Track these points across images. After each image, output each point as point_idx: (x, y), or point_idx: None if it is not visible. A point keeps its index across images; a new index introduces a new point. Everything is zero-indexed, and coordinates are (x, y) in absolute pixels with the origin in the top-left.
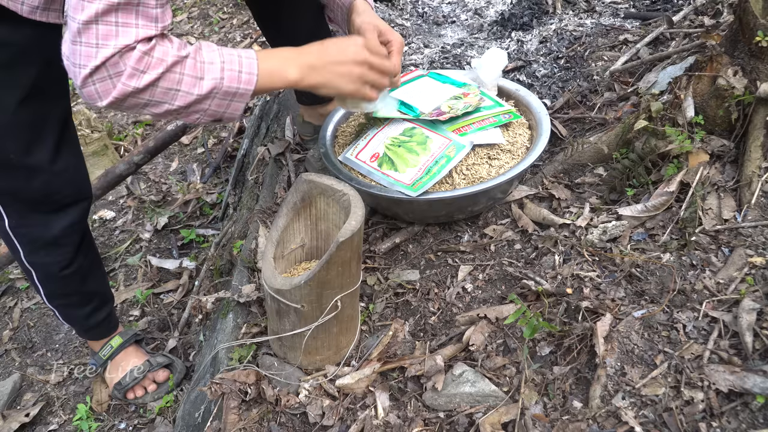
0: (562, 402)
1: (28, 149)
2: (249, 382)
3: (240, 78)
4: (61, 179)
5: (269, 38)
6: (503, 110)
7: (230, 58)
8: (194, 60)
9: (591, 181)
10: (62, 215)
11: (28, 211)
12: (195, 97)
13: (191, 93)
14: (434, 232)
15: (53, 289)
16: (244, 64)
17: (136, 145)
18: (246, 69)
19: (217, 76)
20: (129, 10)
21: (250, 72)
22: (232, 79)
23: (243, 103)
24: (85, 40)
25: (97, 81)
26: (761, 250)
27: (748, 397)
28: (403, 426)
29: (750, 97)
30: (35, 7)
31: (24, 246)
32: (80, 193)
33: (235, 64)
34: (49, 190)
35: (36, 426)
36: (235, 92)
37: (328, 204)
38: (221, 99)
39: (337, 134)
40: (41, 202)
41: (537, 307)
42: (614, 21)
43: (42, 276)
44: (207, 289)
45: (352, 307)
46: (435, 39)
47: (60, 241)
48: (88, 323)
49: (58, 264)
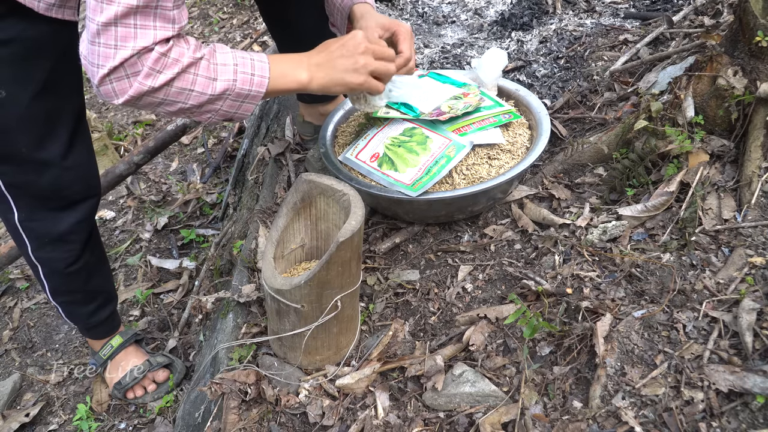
0: (562, 402)
1: (40, 144)
2: (249, 382)
3: (252, 81)
4: (71, 175)
5: (276, 36)
6: (503, 110)
7: (243, 61)
8: (208, 62)
9: (591, 181)
10: (71, 211)
11: (37, 206)
12: (208, 98)
13: (205, 93)
14: (434, 232)
15: (58, 285)
16: (256, 66)
17: (136, 145)
18: (258, 72)
19: (230, 78)
20: (147, 12)
21: (262, 75)
22: (245, 82)
23: (254, 104)
24: (103, 41)
25: (114, 80)
26: (761, 250)
27: (748, 397)
28: (403, 426)
29: (750, 97)
30: (51, 5)
31: (32, 241)
32: (90, 189)
33: (248, 66)
34: (59, 186)
35: (36, 426)
36: (247, 94)
37: (328, 204)
38: (233, 100)
39: (337, 134)
40: (51, 198)
41: (537, 307)
42: (614, 21)
43: (48, 272)
44: (207, 289)
45: (352, 307)
46: (435, 39)
47: (68, 237)
48: (91, 321)
49: (65, 260)
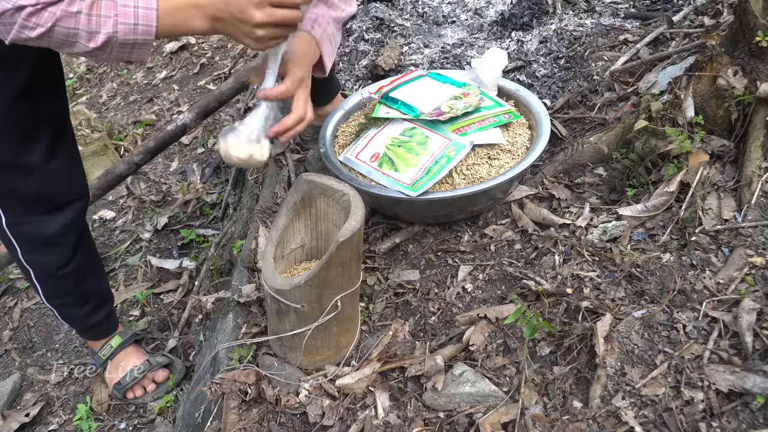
0: (562, 402)
1: (23, 148)
2: (249, 382)
3: (136, 30)
4: (56, 178)
5: None
6: (503, 110)
7: (125, 11)
8: (88, 15)
9: (591, 181)
10: (58, 215)
11: (24, 210)
12: (91, 48)
13: (87, 45)
14: (434, 232)
15: (51, 288)
16: (140, 15)
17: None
18: (143, 21)
19: (110, 30)
20: None
21: (147, 24)
22: (127, 32)
23: (146, 49)
24: None
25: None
26: (761, 250)
27: (748, 397)
28: (403, 426)
29: (750, 97)
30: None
31: (21, 245)
32: (76, 192)
33: (129, 17)
34: (45, 189)
35: (36, 426)
36: (133, 43)
37: (328, 204)
38: (120, 48)
39: (337, 134)
40: (37, 201)
41: (537, 307)
42: (614, 21)
43: (40, 275)
44: (207, 289)
45: (352, 307)
46: (435, 39)
47: (57, 240)
48: (87, 323)
49: (56, 263)
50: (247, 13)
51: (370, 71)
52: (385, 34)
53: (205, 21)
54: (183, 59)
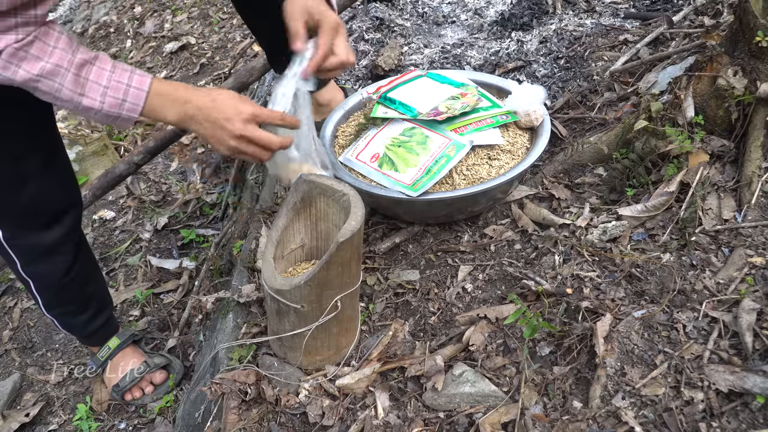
0: (562, 402)
1: (17, 160)
2: (249, 382)
3: (122, 106)
4: (51, 189)
5: (237, 7)
6: (501, 111)
7: (117, 85)
8: (77, 76)
9: (591, 181)
10: (55, 225)
11: (20, 223)
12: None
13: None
14: (434, 232)
15: (51, 298)
16: (130, 94)
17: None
18: (131, 99)
19: (97, 99)
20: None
21: (135, 103)
22: (114, 105)
23: (128, 123)
24: None
25: None
26: (761, 250)
27: (748, 397)
28: (403, 426)
29: (750, 97)
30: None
31: (20, 257)
32: (71, 200)
33: (120, 92)
34: (40, 200)
35: (36, 426)
36: (117, 116)
37: (328, 204)
38: (104, 116)
39: (337, 134)
40: (33, 213)
41: (537, 307)
42: (614, 21)
43: (39, 286)
44: (207, 289)
45: (352, 307)
46: (435, 39)
47: (56, 250)
48: (87, 330)
49: (56, 273)
50: (232, 122)
51: (370, 71)
52: (385, 34)
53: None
54: (183, 59)
